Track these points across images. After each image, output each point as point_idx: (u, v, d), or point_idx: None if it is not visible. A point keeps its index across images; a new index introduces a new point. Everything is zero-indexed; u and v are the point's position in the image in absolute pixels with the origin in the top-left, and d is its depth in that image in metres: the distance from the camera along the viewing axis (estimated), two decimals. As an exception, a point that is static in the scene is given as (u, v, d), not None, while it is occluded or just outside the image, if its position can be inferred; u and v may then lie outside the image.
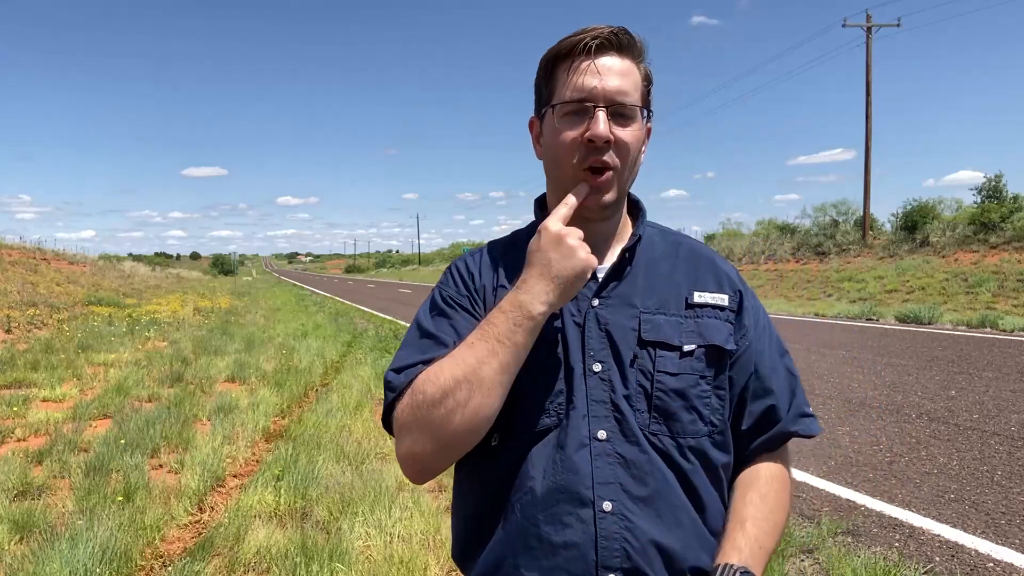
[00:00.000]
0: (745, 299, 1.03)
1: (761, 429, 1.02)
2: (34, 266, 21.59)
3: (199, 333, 12.44)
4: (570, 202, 0.94)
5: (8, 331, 11.75)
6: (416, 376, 0.92)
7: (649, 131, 1.03)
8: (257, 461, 4.65)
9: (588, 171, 0.94)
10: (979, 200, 21.83)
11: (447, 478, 4.19)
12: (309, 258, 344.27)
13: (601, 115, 0.92)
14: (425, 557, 3.05)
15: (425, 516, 3.49)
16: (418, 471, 0.94)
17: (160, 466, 4.53)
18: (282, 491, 3.86)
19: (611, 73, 0.94)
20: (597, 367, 0.95)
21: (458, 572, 3.01)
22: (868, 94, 23.60)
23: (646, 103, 0.99)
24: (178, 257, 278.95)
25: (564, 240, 0.89)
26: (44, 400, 6.58)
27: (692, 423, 0.95)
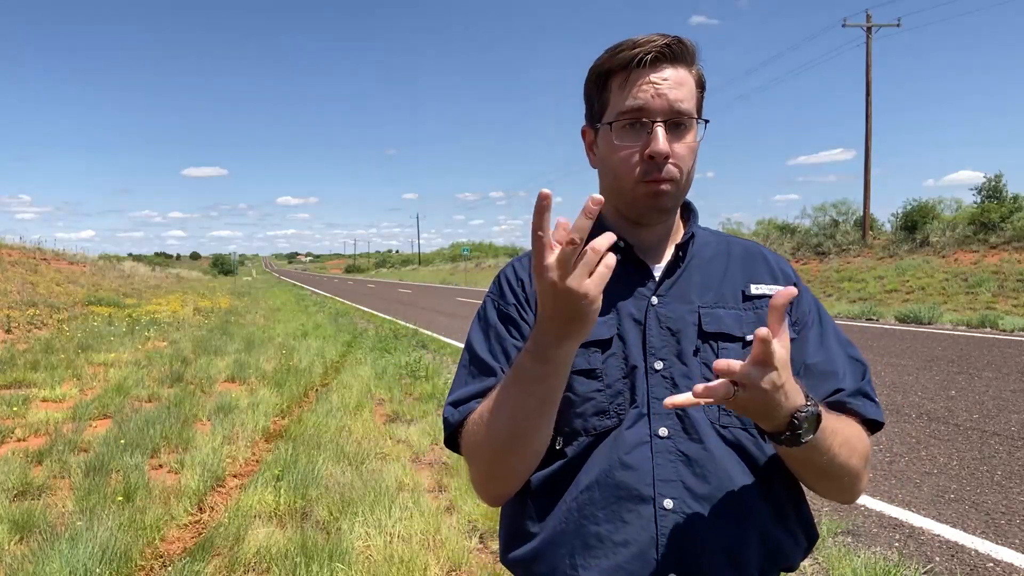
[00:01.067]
0: (800, 290, 1.01)
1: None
2: (34, 266, 21.59)
3: (199, 333, 12.44)
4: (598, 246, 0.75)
5: (8, 331, 11.75)
6: (469, 414, 0.96)
7: (705, 129, 1.03)
8: (257, 461, 4.65)
9: (648, 183, 0.94)
10: (979, 200, 21.84)
11: (447, 478, 4.19)
12: (309, 258, 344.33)
13: (660, 131, 0.92)
14: (425, 557, 3.05)
15: (425, 516, 3.49)
16: (487, 497, 1.01)
17: (160, 466, 4.53)
18: (282, 491, 3.86)
19: (667, 86, 0.93)
20: (659, 365, 0.95)
21: (458, 572, 3.03)
22: (868, 94, 23.60)
23: (700, 109, 0.98)
24: (178, 257, 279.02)
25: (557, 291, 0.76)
26: (44, 400, 6.58)
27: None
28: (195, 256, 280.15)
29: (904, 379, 6.99)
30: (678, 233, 1.06)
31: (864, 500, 3.82)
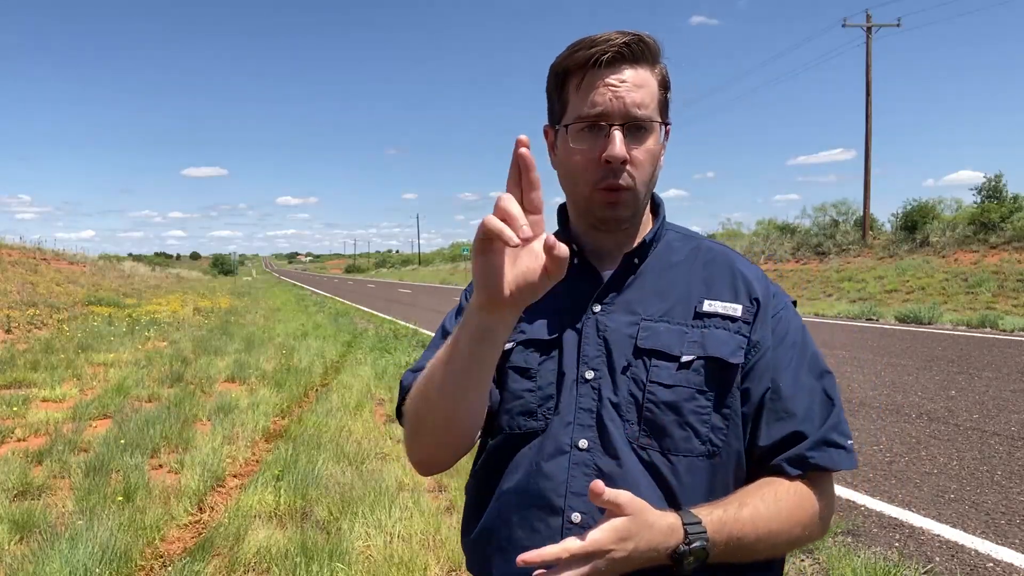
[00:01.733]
0: (764, 309, 0.94)
1: (779, 453, 0.91)
2: (34, 266, 21.59)
3: (199, 333, 12.44)
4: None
5: (8, 331, 11.75)
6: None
7: (668, 132, 0.98)
8: (257, 461, 4.65)
9: (604, 191, 0.91)
10: (979, 200, 21.84)
11: (447, 478, 4.19)
12: (309, 258, 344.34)
13: (617, 135, 0.88)
14: (425, 557, 3.05)
15: (425, 516, 3.49)
16: (415, 463, 1.00)
17: (160, 466, 4.53)
18: (282, 491, 3.86)
19: (625, 88, 0.89)
20: (589, 375, 0.92)
21: (458, 573, 3.03)
22: (868, 94, 23.61)
23: (664, 112, 0.94)
24: (178, 257, 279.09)
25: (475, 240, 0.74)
26: (44, 400, 6.58)
27: (685, 440, 0.89)
28: (195, 256, 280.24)
29: (904, 379, 6.99)
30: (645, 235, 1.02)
31: (864, 500, 3.82)
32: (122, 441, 4.79)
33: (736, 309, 0.93)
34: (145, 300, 21.65)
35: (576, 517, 0.88)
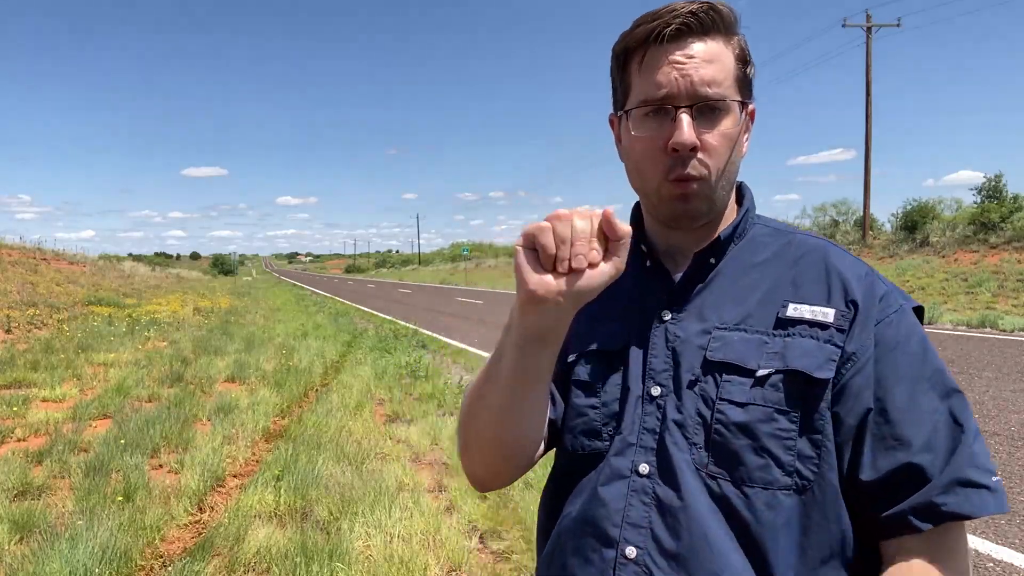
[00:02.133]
0: (865, 313, 0.76)
1: (894, 495, 0.73)
2: (34, 266, 21.59)
3: (199, 333, 12.43)
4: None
5: (8, 331, 11.75)
6: None
7: (753, 114, 0.85)
8: (257, 461, 4.65)
9: (673, 182, 0.79)
10: (979, 200, 21.86)
11: (447, 478, 4.19)
12: (309, 258, 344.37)
13: (684, 118, 0.77)
14: (425, 557, 3.05)
15: (425, 516, 3.49)
16: (469, 478, 0.94)
17: (160, 466, 4.52)
18: (282, 491, 3.86)
19: (694, 64, 0.78)
20: (656, 391, 0.82)
21: (458, 572, 3.03)
22: (868, 94, 23.62)
23: (743, 90, 0.82)
24: (178, 257, 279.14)
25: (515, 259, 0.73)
26: (44, 400, 6.58)
27: (763, 469, 0.74)
28: (195, 256, 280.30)
29: (904, 379, 6.98)
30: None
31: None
32: (122, 441, 4.79)
33: (827, 314, 0.77)
34: (145, 300, 21.65)
35: (631, 552, 0.78)
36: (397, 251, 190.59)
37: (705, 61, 0.78)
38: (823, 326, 0.77)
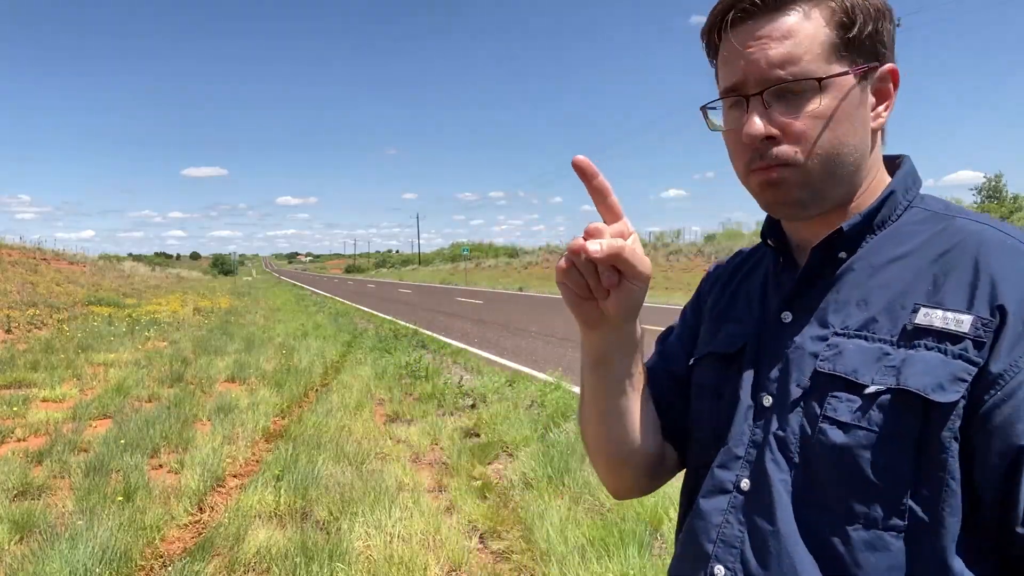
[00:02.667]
0: (1018, 322, 0.60)
1: None
2: (34, 266, 21.59)
3: (199, 333, 12.44)
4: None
5: (8, 331, 11.75)
6: None
7: (892, 74, 0.72)
8: (257, 461, 4.65)
9: (756, 172, 0.72)
10: (979, 200, 21.91)
11: (447, 478, 4.19)
12: (309, 258, 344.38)
13: (753, 108, 0.70)
14: (425, 557, 3.05)
15: (425, 516, 3.49)
16: (606, 487, 0.94)
17: (160, 466, 4.53)
18: (282, 491, 3.86)
19: (760, 45, 0.69)
20: (767, 401, 0.73)
21: (458, 572, 3.03)
22: (868, 94, 23.64)
23: (842, 55, 0.69)
24: (178, 257, 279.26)
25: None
26: (44, 400, 6.58)
27: (864, 503, 0.64)
28: (195, 256, 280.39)
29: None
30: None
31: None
32: (122, 441, 4.79)
33: (962, 322, 0.62)
34: (145, 300, 21.66)
35: (719, 571, 0.73)
36: (397, 251, 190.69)
37: (777, 39, 0.69)
38: (955, 337, 0.62)
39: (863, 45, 0.70)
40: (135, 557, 3.06)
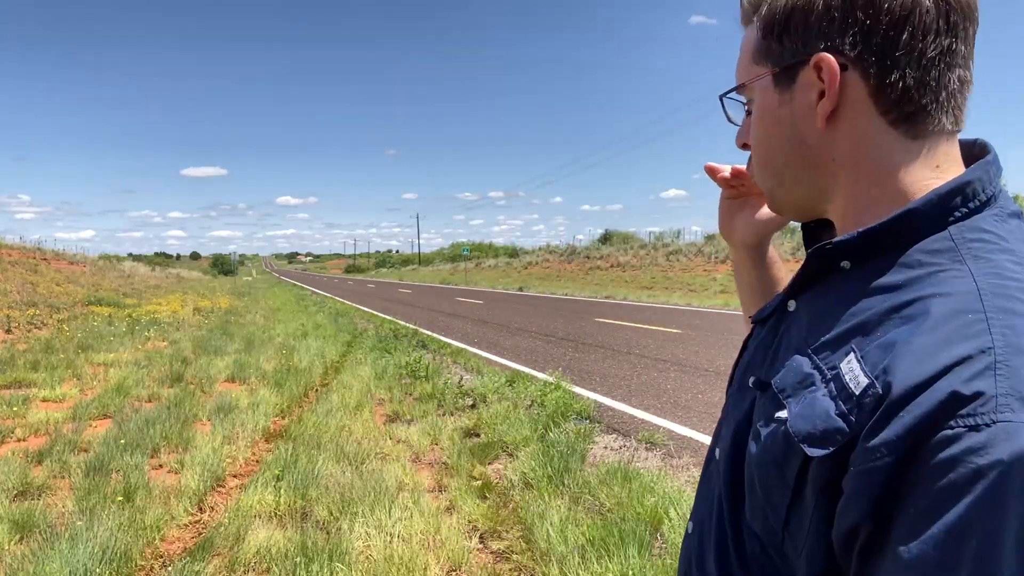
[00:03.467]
0: (900, 404, 0.50)
1: None
2: (34, 266, 21.59)
3: (199, 333, 12.44)
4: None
5: (8, 331, 11.75)
6: None
7: (824, 66, 0.60)
8: (257, 461, 4.65)
9: None
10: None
11: (447, 478, 4.19)
12: (309, 258, 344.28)
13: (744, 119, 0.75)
14: (425, 557, 3.05)
15: (425, 516, 3.49)
16: None
17: (160, 466, 4.53)
18: (282, 491, 3.86)
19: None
20: (751, 382, 0.71)
21: (458, 572, 3.03)
22: (868, 94, 23.62)
23: (765, 57, 0.65)
24: (178, 257, 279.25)
25: None
26: (44, 400, 6.58)
27: (755, 516, 0.63)
28: (195, 256, 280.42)
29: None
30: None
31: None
32: (122, 441, 4.80)
33: (860, 384, 0.54)
34: (145, 300, 21.65)
35: (689, 527, 0.77)
36: (397, 251, 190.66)
37: (739, 56, 0.70)
38: (848, 395, 0.55)
39: (775, 47, 0.64)
40: (135, 557, 3.06)
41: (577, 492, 3.74)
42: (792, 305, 0.69)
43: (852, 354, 0.56)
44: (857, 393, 0.54)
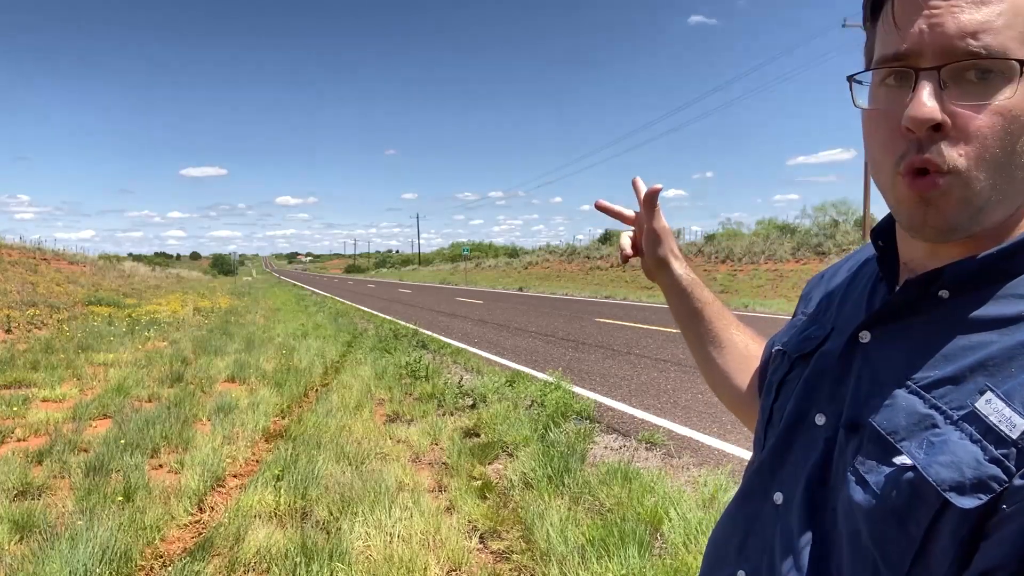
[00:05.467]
0: None
1: None
2: (34, 266, 21.59)
3: (199, 333, 12.43)
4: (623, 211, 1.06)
5: (8, 331, 11.75)
6: None
7: None
8: (257, 461, 4.65)
9: (907, 176, 0.56)
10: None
11: (447, 478, 4.19)
12: (309, 258, 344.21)
13: (923, 85, 0.54)
14: (425, 557, 3.05)
15: (425, 516, 3.49)
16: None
17: (160, 466, 4.53)
18: (282, 491, 3.86)
19: (947, 7, 0.53)
20: (820, 420, 0.65)
21: (458, 572, 3.03)
22: (868, 94, 23.63)
23: None
24: (178, 257, 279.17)
25: None
26: (44, 400, 6.58)
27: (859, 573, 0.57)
28: (195, 256, 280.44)
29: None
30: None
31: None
32: (122, 441, 4.80)
33: (1015, 427, 0.50)
34: (145, 300, 21.65)
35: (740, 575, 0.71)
36: (397, 251, 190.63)
37: (972, 3, 0.53)
38: (1001, 440, 0.50)
39: None
40: (135, 557, 3.06)
41: (577, 492, 3.74)
42: (866, 336, 0.63)
43: (990, 393, 0.52)
44: (1015, 436, 0.50)
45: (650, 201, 0.96)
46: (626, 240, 1.03)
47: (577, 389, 6.83)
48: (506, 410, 5.70)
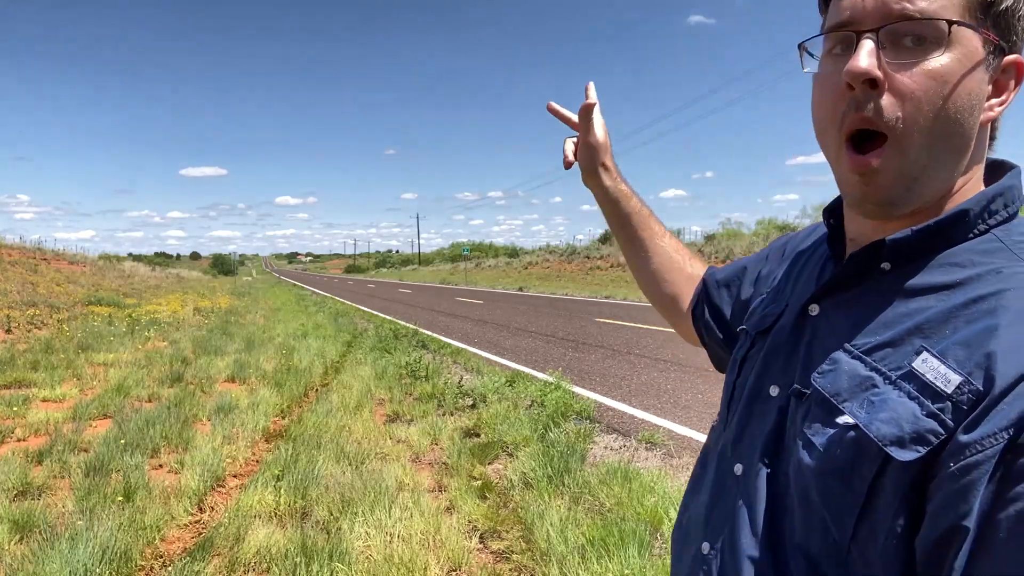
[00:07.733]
0: (1002, 397, 0.50)
1: None
2: (34, 266, 21.59)
3: (199, 333, 12.43)
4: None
5: (8, 331, 11.75)
6: None
7: (1000, 49, 0.59)
8: (257, 461, 4.65)
9: (849, 141, 0.60)
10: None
11: (447, 478, 4.19)
12: (309, 258, 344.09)
13: (863, 44, 0.57)
14: (425, 557, 3.05)
15: (425, 516, 3.49)
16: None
17: (160, 466, 4.53)
18: (282, 491, 3.86)
19: None
20: (774, 391, 0.69)
21: (458, 572, 3.03)
22: (868, 94, 23.62)
23: (980, 15, 0.58)
24: (178, 257, 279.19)
25: None
26: (44, 400, 6.58)
27: (808, 535, 0.60)
28: (195, 256, 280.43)
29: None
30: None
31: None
32: (122, 441, 4.80)
33: (950, 382, 0.53)
34: (145, 300, 21.65)
35: (705, 547, 0.72)
36: (397, 251, 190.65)
37: None
38: (937, 395, 0.53)
39: (999, 18, 0.58)
40: (135, 557, 3.06)
41: (577, 492, 3.74)
42: (815, 309, 0.68)
43: (925, 353, 0.56)
44: (949, 391, 0.53)
45: (585, 114, 1.04)
46: (569, 147, 1.09)
47: (577, 389, 6.83)
48: (506, 410, 5.70)
